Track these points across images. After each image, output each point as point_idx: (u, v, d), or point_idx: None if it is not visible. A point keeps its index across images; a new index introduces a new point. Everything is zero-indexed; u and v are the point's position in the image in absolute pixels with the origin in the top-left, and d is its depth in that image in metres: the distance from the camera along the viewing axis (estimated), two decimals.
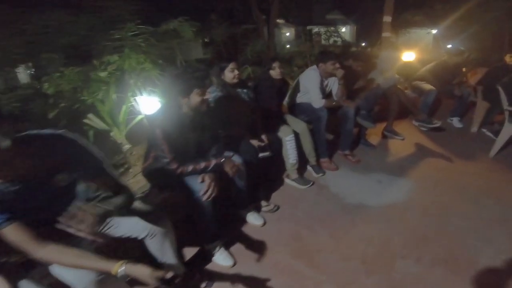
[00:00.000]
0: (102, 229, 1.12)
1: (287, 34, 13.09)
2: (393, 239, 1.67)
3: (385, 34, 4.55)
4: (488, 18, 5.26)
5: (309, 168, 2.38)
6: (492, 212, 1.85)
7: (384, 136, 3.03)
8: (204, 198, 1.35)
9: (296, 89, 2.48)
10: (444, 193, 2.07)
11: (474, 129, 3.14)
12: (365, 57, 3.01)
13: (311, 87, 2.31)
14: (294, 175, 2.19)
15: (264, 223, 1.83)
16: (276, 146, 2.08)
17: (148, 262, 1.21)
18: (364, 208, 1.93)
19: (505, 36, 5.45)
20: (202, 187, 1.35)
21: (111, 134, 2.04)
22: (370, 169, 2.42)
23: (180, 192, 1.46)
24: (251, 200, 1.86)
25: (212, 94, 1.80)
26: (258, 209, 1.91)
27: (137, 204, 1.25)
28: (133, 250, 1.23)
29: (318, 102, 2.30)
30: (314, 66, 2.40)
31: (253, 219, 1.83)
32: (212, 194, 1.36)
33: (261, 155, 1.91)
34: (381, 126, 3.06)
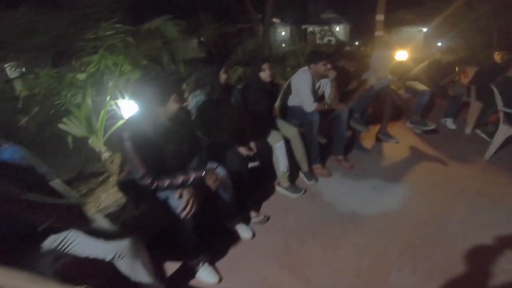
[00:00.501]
0: (63, 247, 1.01)
1: (283, 33, 12.96)
2: (388, 249, 1.58)
3: (378, 33, 4.50)
4: (475, 15, 5.27)
5: (301, 175, 2.28)
6: (490, 217, 1.79)
7: (378, 139, 2.96)
8: (183, 215, 1.24)
9: (288, 91, 2.38)
10: (440, 198, 2.00)
11: (468, 130, 3.10)
12: (358, 57, 2.93)
13: (302, 89, 2.21)
14: (286, 183, 2.09)
15: (253, 236, 1.72)
16: (265, 154, 1.98)
17: (123, 281, 1.13)
18: (358, 217, 1.84)
19: (493, 33, 5.47)
20: (180, 203, 1.24)
21: (89, 141, 1.91)
22: (364, 174, 2.34)
23: (158, 205, 1.34)
24: (240, 211, 1.75)
25: (195, 99, 1.68)
26: (247, 220, 1.81)
27: (103, 223, 1.12)
28: (104, 269, 1.12)
29: (309, 105, 2.20)
30: (305, 67, 2.29)
31: (241, 231, 1.73)
32: (191, 211, 1.25)
33: (250, 165, 1.80)
34: (375, 128, 2.99)
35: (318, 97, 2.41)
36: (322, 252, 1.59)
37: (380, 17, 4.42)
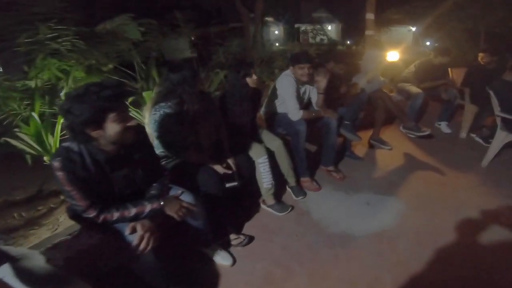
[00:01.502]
0: None
1: (276, 32, 12.75)
2: (383, 277, 1.41)
3: (369, 32, 4.36)
4: (464, 15, 5.23)
5: (288, 189, 2.09)
6: (492, 235, 1.64)
7: (370, 146, 2.80)
8: (138, 251, 1.04)
9: (273, 96, 2.18)
10: (437, 214, 1.84)
11: (463, 134, 2.98)
12: (348, 58, 2.76)
13: (285, 96, 2.01)
14: (271, 200, 1.89)
15: (234, 263, 1.53)
16: (248, 169, 1.78)
17: None
18: (350, 238, 1.66)
19: (480, 33, 5.44)
20: (134, 238, 1.03)
21: (45, 159, 1.67)
22: (356, 187, 2.16)
23: (114, 235, 1.13)
24: (216, 237, 1.55)
25: (158, 112, 1.44)
26: (226, 244, 1.61)
27: (41, 263, 0.91)
28: None
29: (295, 114, 2.00)
30: (288, 71, 2.08)
31: (220, 258, 1.52)
32: (147, 248, 1.04)
33: (227, 185, 1.60)
34: (367, 134, 2.83)
35: (304, 104, 2.22)
36: (309, 283, 1.40)
37: (370, 15, 4.28)
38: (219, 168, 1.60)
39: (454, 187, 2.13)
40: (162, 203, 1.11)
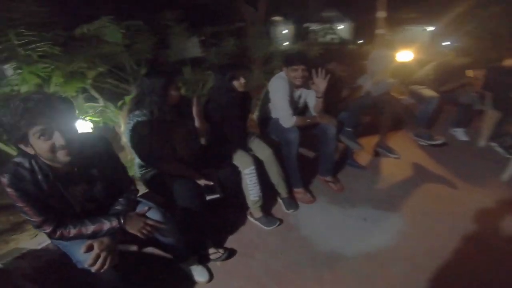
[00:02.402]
0: None
1: (284, 31, 12.55)
2: None
3: (379, 31, 4.09)
4: (487, 14, 4.86)
5: (279, 201, 1.95)
6: (506, 266, 1.42)
7: (376, 154, 2.59)
8: (92, 270, 0.96)
9: (267, 99, 2.04)
10: (445, 235, 1.63)
11: (481, 143, 2.68)
12: (353, 58, 2.56)
13: (277, 100, 1.88)
14: (258, 213, 1.76)
15: (211, 279, 1.43)
16: (232, 181, 1.67)
17: None
18: (338, 259, 1.50)
19: (503, 34, 5.03)
20: (88, 257, 0.96)
21: None
22: (354, 200, 1.98)
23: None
24: (194, 251, 1.46)
25: (132, 121, 1.36)
26: (204, 259, 1.51)
27: None
28: None
29: (287, 120, 1.86)
30: (282, 73, 1.94)
31: (196, 274, 1.43)
32: (103, 267, 0.96)
33: (208, 197, 1.50)
34: (373, 140, 2.62)
35: (300, 109, 2.08)
36: None
37: (381, 14, 4.02)
38: (199, 180, 1.50)
39: (467, 204, 1.89)
40: (122, 221, 1.03)
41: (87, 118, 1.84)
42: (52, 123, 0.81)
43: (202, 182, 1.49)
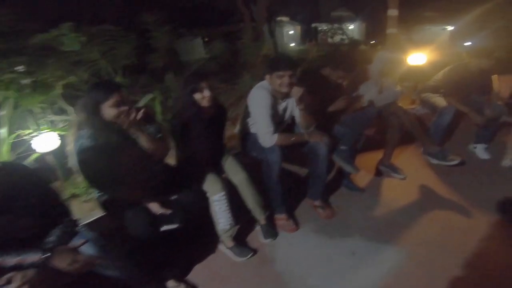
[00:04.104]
0: None
1: (291, 32, 12.10)
2: None
3: (391, 30, 3.70)
4: None
5: (258, 227, 1.68)
6: None
7: (378, 173, 2.24)
8: None
9: (247, 112, 1.77)
10: (446, 276, 1.30)
11: (507, 162, 2.27)
12: (357, 62, 2.15)
13: (256, 115, 1.58)
14: (229, 242, 1.51)
15: None
16: (196, 208, 1.42)
17: None
18: None
19: None
20: None
21: None
22: (345, 229, 1.68)
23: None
24: (146, 284, 1.23)
25: (77, 141, 1.17)
26: None
27: None
28: None
29: (266, 139, 1.56)
30: (263, 82, 1.64)
31: None
32: None
33: (164, 228, 1.31)
34: (376, 156, 2.28)
35: (286, 123, 1.78)
36: None
37: (393, 12, 3.63)
38: (154, 208, 1.29)
39: (481, 240, 1.53)
40: (43, 256, 0.95)
41: (57, 131, 1.73)
42: None
43: (157, 210, 1.29)
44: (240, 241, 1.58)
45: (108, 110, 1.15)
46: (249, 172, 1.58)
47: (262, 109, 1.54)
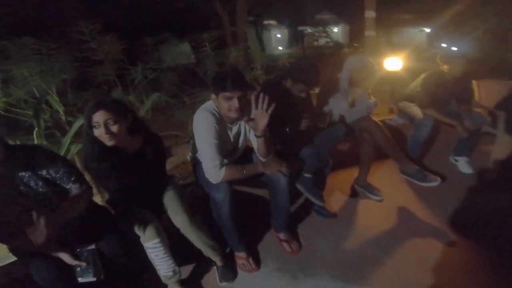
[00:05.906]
0: None
1: (278, 35, 11.99)
2: None
3: (369, 32, 3.54)
4: (489, 13, 4.34)
5: (214, 268, 1.47)
6: None
7: (353, 194, 2.05)
8: None
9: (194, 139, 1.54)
10: None
11: (491, 175, 2.12)
12: (317, 72, 1.82)
13: (200, 144, 1.33)
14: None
15: None
16: (121, 256, 1.20)
17: None
18: None
19: (508, 34, 4.49)
20: None
21: None
22: (311, 265, 1.48)
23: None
24: None
25: None
26: None
27: None
28: None
29: (211, 174, 1.31)
30: (209, 103, 1.37)
31: None
32: None
33: (81, 280, 1.10)
34: (350, 175, 2.09)
35: (241, 151, 1.56)
36: None
37: (370, 13, 3.48)
38: (67, 259, 1.08)
39: (466, 275, 1.35)
40: None
41: None
42: None
43: (69, 261, 1.09)
44: (194, 284, 1.39)
45: None
46: (204, 206, 1.37)
47: (205, 137, 1.30)
